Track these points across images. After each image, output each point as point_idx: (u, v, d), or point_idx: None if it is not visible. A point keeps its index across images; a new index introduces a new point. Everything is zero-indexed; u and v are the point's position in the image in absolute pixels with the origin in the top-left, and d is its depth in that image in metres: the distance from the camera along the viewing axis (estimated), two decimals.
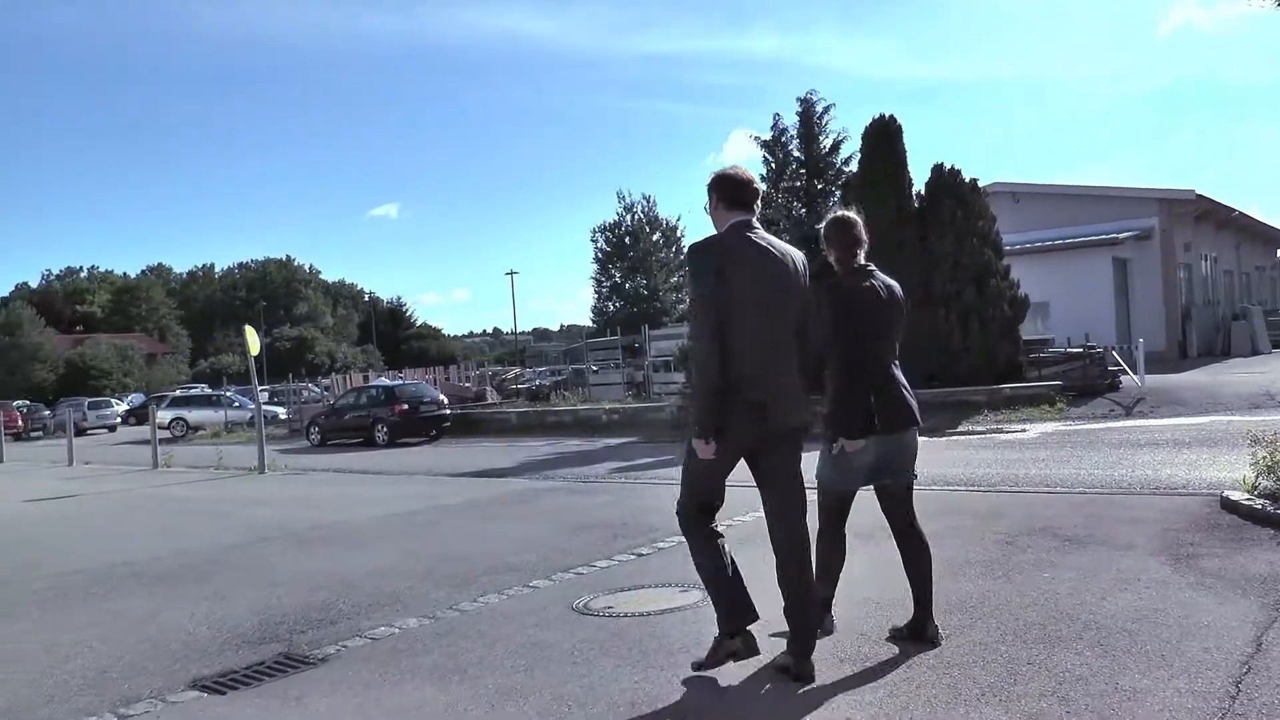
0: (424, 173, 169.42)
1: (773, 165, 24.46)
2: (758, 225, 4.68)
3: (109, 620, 6.54)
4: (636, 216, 75.86)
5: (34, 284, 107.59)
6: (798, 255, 4.75)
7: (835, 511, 5.15)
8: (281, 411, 37.43)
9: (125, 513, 12.56)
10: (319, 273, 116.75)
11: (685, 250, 6.63)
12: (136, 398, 57.81)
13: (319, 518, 10.66)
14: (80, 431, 39.38)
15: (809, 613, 4.54)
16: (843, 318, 4.81)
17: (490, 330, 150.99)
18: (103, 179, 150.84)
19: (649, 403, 26.29)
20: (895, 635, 4.93)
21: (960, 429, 16.86)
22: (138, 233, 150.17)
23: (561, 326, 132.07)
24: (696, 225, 78.11)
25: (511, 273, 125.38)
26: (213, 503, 13.11)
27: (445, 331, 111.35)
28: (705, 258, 4.53)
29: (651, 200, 76.56)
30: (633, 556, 7.47)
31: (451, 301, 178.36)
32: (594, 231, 76.40)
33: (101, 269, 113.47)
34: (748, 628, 4.49)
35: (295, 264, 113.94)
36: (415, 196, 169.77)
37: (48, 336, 74.99)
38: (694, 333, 4.68)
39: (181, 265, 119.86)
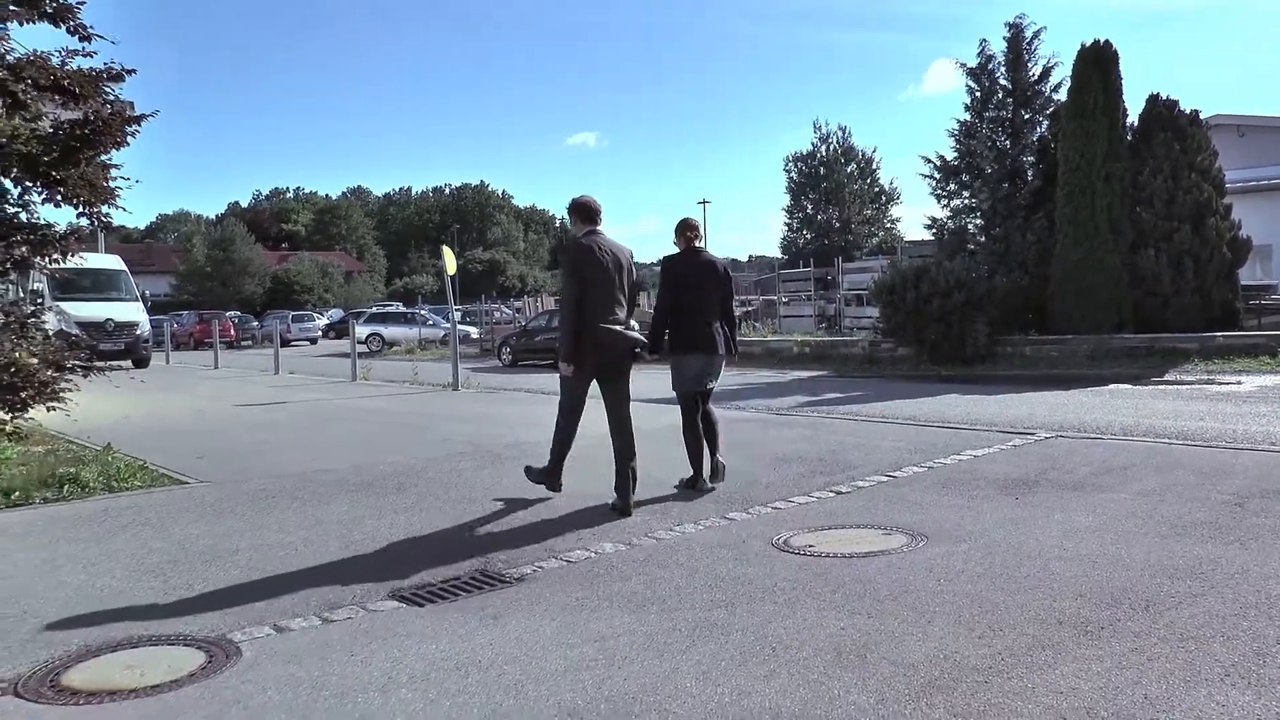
0: (625, 101, 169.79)
1: (977, 94, 23.25)
2: (601, 232, 7.49)
3: (313, 525, 6.82)
4: (831, 147, 74.07)
5: (245, 203, 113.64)
6: (625, 249, 7.57)
7: (688, 408, 8.00)
8: (474, 331, 38.44)
9: (327, 422, 13.11)
10: (511, 198, 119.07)
11: (562, 248, 9.72)
12: (336, 313, 60.39)
13: (512, 436, 10.86)
14: (284, 343, 41.42)
15: (633, 477, 7.19)
16: (667, 285, 7.89)
17: None
18: (308, 105, 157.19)
19: (840, 336, 25.83)
20: (685, 483, 7.83)
21: (1167, 378, 15.95)
22: (340, 156, 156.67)
23: (750, 257, 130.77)
24: (891, 158, 75.24)
25: (703, 202, 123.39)
26: (409, 416, 13.52)
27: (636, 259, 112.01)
28: (570, 253, 7.53)
29: (847, 131, 74.64)
30: (832, 494, 7.33)
31: (643, 230, 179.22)
32: (787, 161, 75.09)
33: (306, 190, 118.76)
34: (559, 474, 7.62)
35: (489, 189, 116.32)
36: (614, 125, 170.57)
37: (256, 252, 78.98)
38: (562, 298, 7.64)
39: (380, 188, 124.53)
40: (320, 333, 52.71)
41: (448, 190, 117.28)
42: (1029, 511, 6.53)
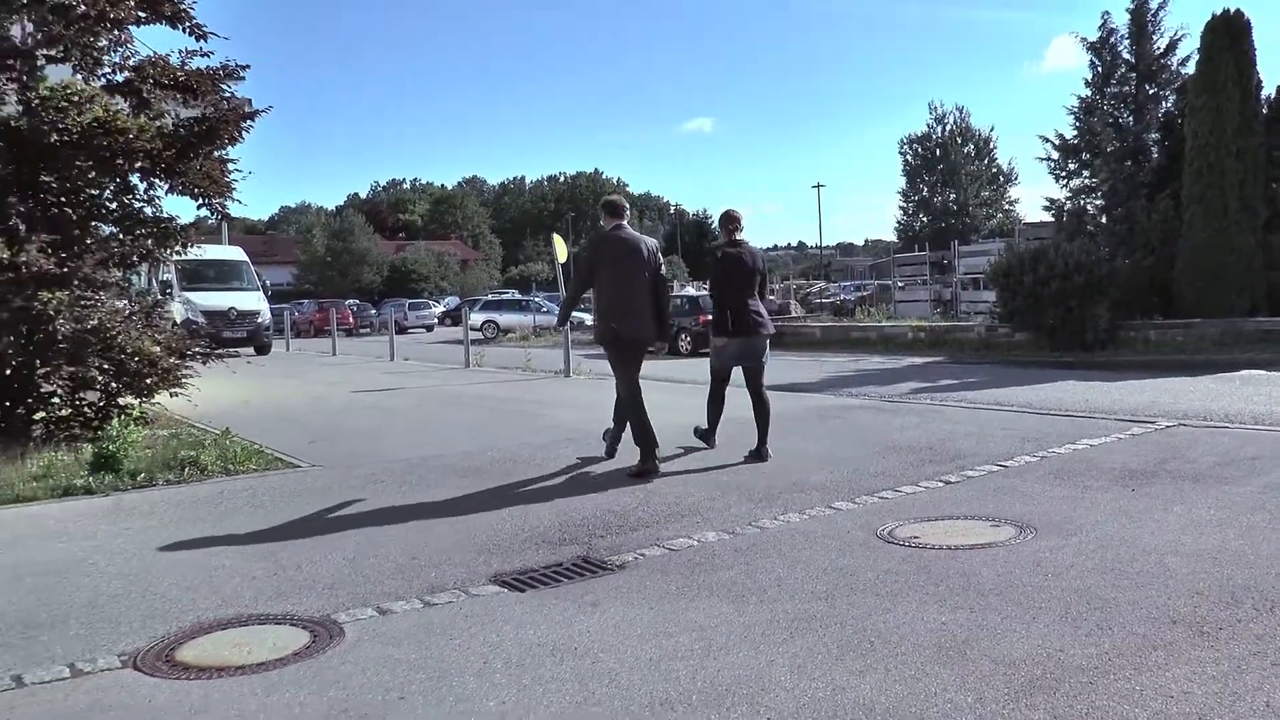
0: (740, 86, 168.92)
1: (1099, 70, 22.47)
2: (626, 226, 8.35)
3: (422, 509, 6.92)
4: (948, 128, 72.64)
5: (363, 194, 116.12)
6: (649, 241, 8.48)
7: (719, 381, 9.12)
8: (587, 318, 38.63)
9: (439, 408, 13.31)
10: (626, 185, 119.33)
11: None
12: (451, 300, 61.30)
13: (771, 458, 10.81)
14: (401, 330, 42.20)
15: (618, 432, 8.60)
16: (717, 272, 8.86)
17: (795, 244, 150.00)
18: (425, 96, 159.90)
19: (956, 321, 25.32)
20: (747, 458, 8.41)
21: None
22: (455, 147, 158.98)
23: (866, 241, 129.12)
24: (1010, 138, 73.38)
25: (818, 185, 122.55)
26: (520, 403, 13.65)
27: (762, 244, 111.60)
28: (592, 244, 8.64)
29: (964, 111, 73.16)
30: (940, 484, 7.17)
31: (759, 215, 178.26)
32: (902, 143, 73.93)
33: (422, 181, 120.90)
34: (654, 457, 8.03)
35: (604, 177, 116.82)
36: (729, 109, 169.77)
37: (374, 242, 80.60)
38: (574, 276, 9.16)
39: (494, 177, 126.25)
40: (436, 320, 53.62)
41: (562, 178, 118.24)
42: (1146, 504, 6.29)
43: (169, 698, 3.78)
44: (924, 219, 71.39)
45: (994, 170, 72.96)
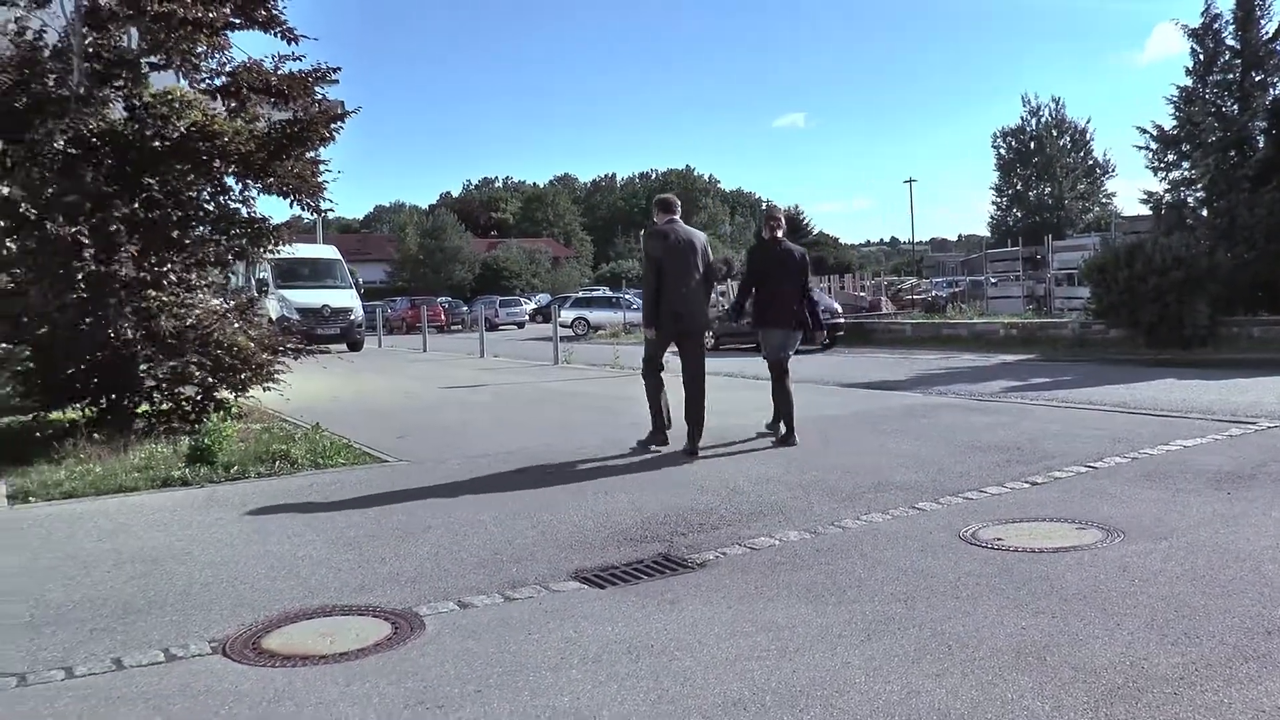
0: (832, 80, 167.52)
1: (1200, 57, 21.77)
2: (679, 221, 9.09)
3: (505, 504, 6.99)
4: (1043, 120, 71.10)
5: (456, 193, 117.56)
6: (700, 235, 9.21)
7: (776, 370, 9.52)
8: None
9: (526, 404, 13.42)
10: (718, 182, 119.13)
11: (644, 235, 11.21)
12: (543, 297, 61.82)
13: (712, 421, 10.79)
14: (492, 327, 42.59)
15: (699, 426, 8.93)
16: (750, 270, 9.68)
17: (887, 239, 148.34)
18: (517, 94, 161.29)
19: (1050, 318, 24.82)
20: (775, 443, 9.29)
21: None
22: (547, 145, 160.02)
23: (959, 236, 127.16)
24: (1107, 128, 71.77)
25: (910, 180, 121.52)
26: (606, 399, 13.71)
27: (842, 240, 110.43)
28: (649, 238, 9.18)
29: (1060, 102, 71.46)
30: (1026, 485, 7.04)
31: (851, 210, 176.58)
32: (995, 136, 72.56)
33: (514, 179, 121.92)
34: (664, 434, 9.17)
35: (695, 173, 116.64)
36: (822, 104, 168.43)
37: (467, 240, 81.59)
38: (644, 272, 9.29)
39: (586, 175, 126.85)
40: (527, 317, 54.14)
41: (654, 175, 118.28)
42: (1242, 508, 6.11)
43: (254, 684, 3.89)
44: (1018, 213, 70.06)
45: (1090, 163, 71.28)
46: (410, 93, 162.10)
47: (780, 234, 9.54)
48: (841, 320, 26.33)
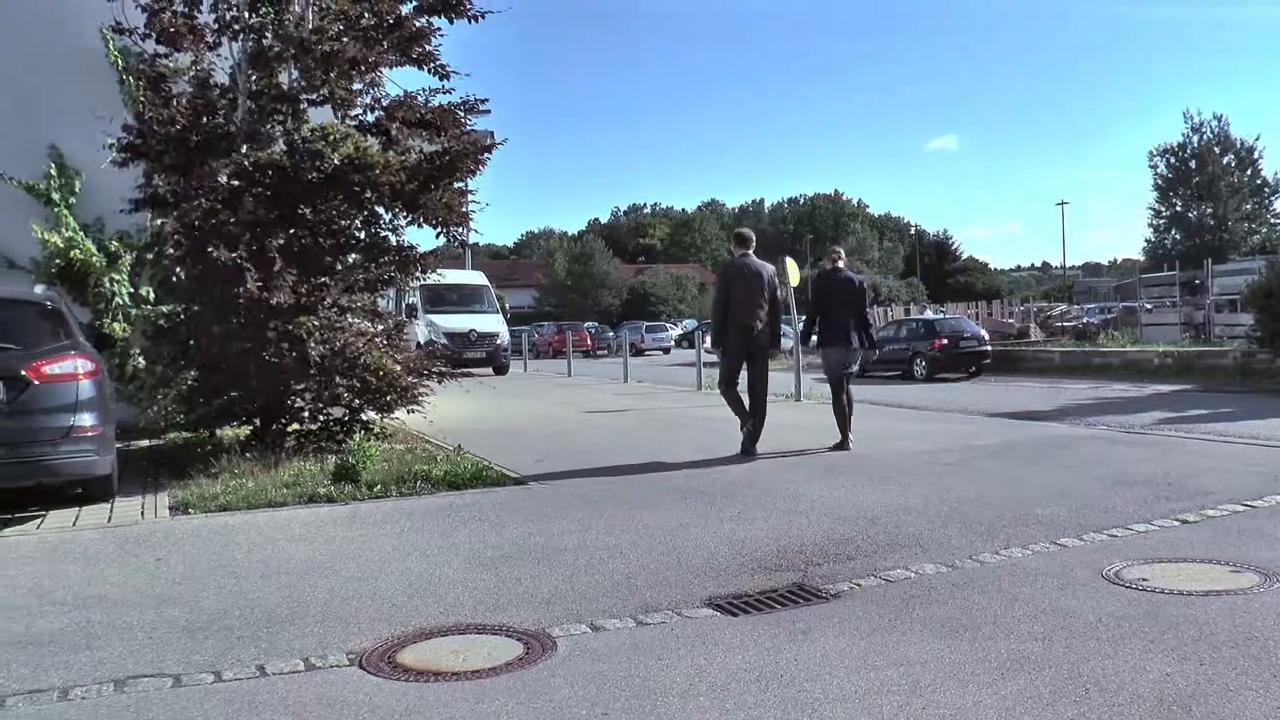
0: (986, 101, 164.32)
1: None
2: (751, 255, 10.37)
3: (640, 529, 7.03)
4: (1204, 137, 68.22)
5: (604, 219, 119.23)
6: (769, 267, 10.47)
7: (834, 386, 10.84)
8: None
9: (666, 429, 13.43)
10: (866, 206, 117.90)
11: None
12: (689, 323, 61.97)
13: (852, 449, 10.74)
14: (637, 352, 42.88)
15: (758, 429, 10.32)
16: (814, 296, 10.93)
17: (1038, 264, 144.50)
18: (665, 120, 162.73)
19: (1208, 346, 23.79)
20: (833, 448, 10.54)
21: None
22: (695, 170, 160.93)
23: (1113, 261, 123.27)
24: (1276, 146, 68.49)
25: (1062, 203, 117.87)
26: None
27: (991, 265, 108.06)
28: (723, 268, 10.87)
29: (1223, 119, 68.50)
30: (1176, 522, 6.76)
31: (1000, 234, 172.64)
32: (1153, 155, 69.95)
33: (662, 205, 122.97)
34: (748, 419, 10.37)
35: (844, 198, 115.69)
36: (975, 126, 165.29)
37: (614, 265, 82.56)
38: (715, 300, 10.84)
39: (733, 200, 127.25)
40: (673, 342, 54.34)
41: (801, 200, 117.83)
42: None
43: (387, 697, 4.02)
44: (1176, 236, 67.49)
45: (1258, 182, 68.12)
46: (561, 119, 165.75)
47: (841, 264, 11.14)
48: (988, 348, 25.75)
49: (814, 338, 11.15)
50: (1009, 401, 17.25)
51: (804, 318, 11.43)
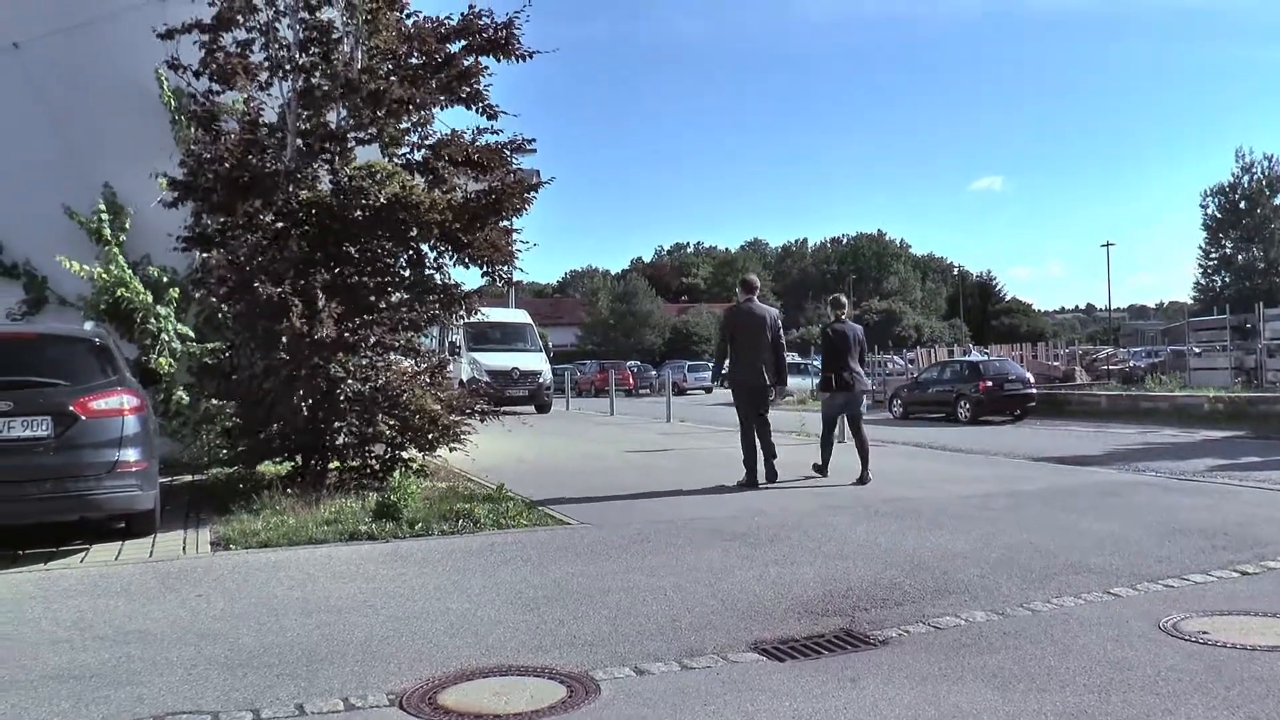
0: (1029, 142, 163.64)
1: None
2: (755, 300, 11.44)
3: (685, 571, 6.93)
4: (1256, 177, 67.31)
5: (647, 258, 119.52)
6: (771, 312, 11.53)
7: (828, 425, 12.13)
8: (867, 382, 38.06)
9: (709, 470, 13.20)
10: (909, 246, 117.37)
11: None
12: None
13: (894, 492, 10.61)
14: (680, 391, 42.79)
15: (771, 461, 11.31)
16: (826, 344, 12.06)
17: (1083, 306, 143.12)
18: (709, 160, 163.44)
19: (1261, 392, 23.36)
20: (856, 481, 11.20)
21: None
22: (738, 210, 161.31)
23: (1160, 303, 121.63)
24: None
25: (1107, 244, 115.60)
26: (790, 467, 13.36)
27: (1035, 307, 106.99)
28: (728, 313, 11.84)
29: (1274, 159, 67.46)
30: (1235, 574, 6.58)
31: (1044, 275, 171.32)
32: (1204, 195, 69.12)
33: (705, 244, 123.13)
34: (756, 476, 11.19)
35: (886, 238, 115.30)
36: (1021, 167, 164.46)
37: (657, 305, 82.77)
38: (717, 340, 14.17)
39: (776, 240, 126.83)
40: (715, 382, 54.12)
41: (844, 240, 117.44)
42: None
43: None
44: (1225, 278, 66.53)
45: None
46: (604, 158, 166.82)
47: (844, 315, 12.12)
48: (1033, 390, 25.43)
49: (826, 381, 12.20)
50: (1055, 446, 16.99)
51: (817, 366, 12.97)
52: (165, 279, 13.16)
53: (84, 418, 7.70)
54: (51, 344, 8.68)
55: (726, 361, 11.70)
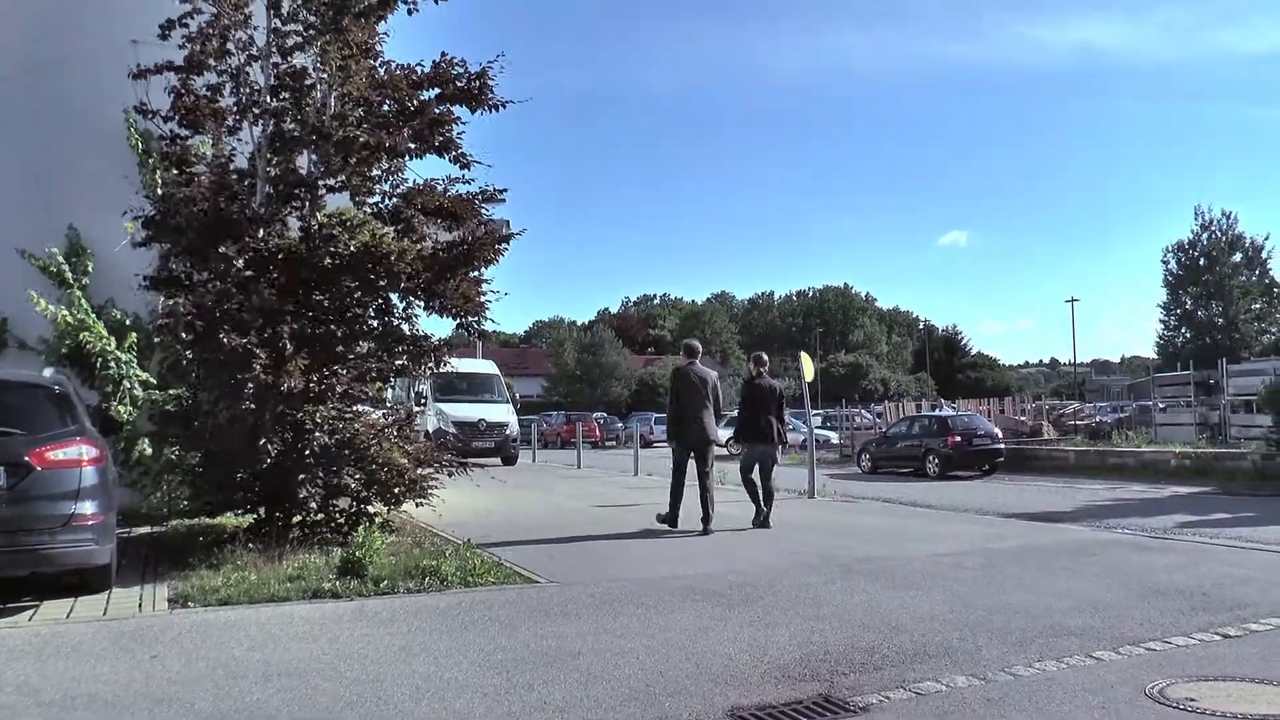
0: (994, 198, 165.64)
1: None
2: (696, 364, 12.51)
3: (656, 633, 6.76)
4: (1214, 235, 68.45)
5: (614, 309, 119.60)
6: (711, 374, 12.47)
7: (747, 474, 12.77)
8: (833, 436, 38.15)
9: (681, 526, 13.08)
10: (875, 300, 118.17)
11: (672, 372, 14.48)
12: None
13: (866, 550, 10.49)
14: (646, 444, 42.52)
15: (708, 510, 11.94)
16: (747, 398, 13.04)
17: (1047, 360, 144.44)
18: (675, 213, 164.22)
19: (1226, 448, 23.52)
20: (759, 524, 12.39)
21: None
22: (704, 262, 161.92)
23: (1123, 358, 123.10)
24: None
25: (1071, 300, 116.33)
26: (729, 520, 13.31)
27: (1000, 361, 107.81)
28: (673, 375, 12.88)
29: (1232, 217, 68.72)
30: (1216, 637, 6.48)
31: (1010, 330, 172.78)
32: (1164, 252, 70.19)
33: (672, 296, 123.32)
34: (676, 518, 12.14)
35: (853, 291, 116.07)
36: (985, 222, 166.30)
37: (623, 356, 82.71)
38: (669, 401, 12.77)
39: (743, 292, 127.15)
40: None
41: (810, 293, 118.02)
42: None
43: None
44: (1186, 334, 67.34)
45: (1267, 282, 68.10)
46: (571, 209, 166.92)
47: (764, 371, 13.32)
48: (1001, 446, 25.50)
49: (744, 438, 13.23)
50: (1025, 502, 16.96)
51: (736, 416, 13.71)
52: (128, 322, 12.94)
53: (40, 468, 7.46)
54: (8, 391, 8.42)
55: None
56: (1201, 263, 67.84)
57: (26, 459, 7.43)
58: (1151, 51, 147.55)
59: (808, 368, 18.62)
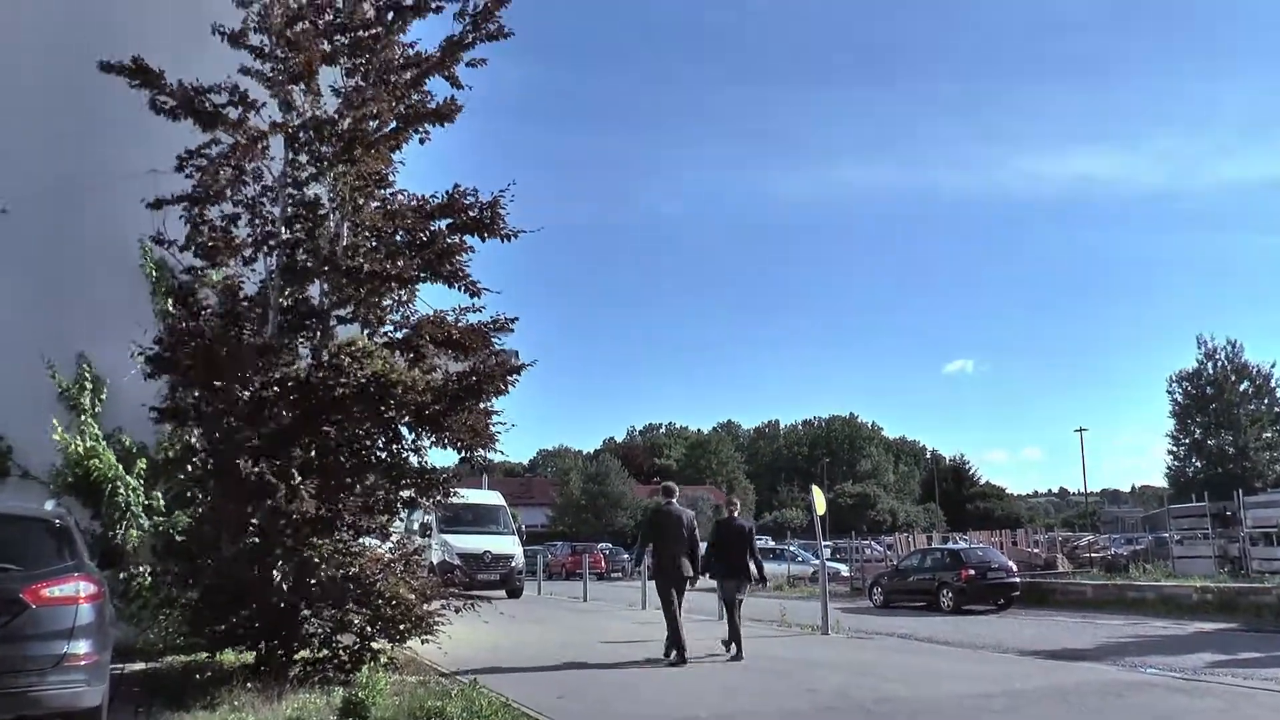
0: (999, 326, 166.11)
1: None
2: (673, 503, 13.14)
3: None
4: (1219, 364, 68.36)
5: (619, 438, 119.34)
6: (688, 513, 13.19)
7: (728, 605, 13.47)
8: (843, 569, 37.51)
9: (692, 664, 12.71)
10: (881, 429, 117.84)
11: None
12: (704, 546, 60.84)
13: (888, 690, 10.11)
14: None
15: (677, 640, 12.50)
16: (719, 536, 13.77)
17: (1056, 490, 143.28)
18: (681, 345, 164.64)
19: (1249, 582, 23.01)
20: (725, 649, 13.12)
21: None
22: (710, 392, 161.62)
23: (1133, 487, 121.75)
24: None
25: (1080, 429, 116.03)
26: (776, 662, 12.93)
27: (1009, 490, 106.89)
28: (649, 514, 13.99)
29: (1237, 345, 68.54)
30: None
31: (1019, 460, 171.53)
32: (1170, 381, 69.93)
33: (678, 425, 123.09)
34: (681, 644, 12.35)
35: (859, 420, 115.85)
36: (991, 351, 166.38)
37: (629, 486, 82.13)
38: (640, 536, 14.40)
39: (749, 422, 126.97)
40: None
41: (817, 423, 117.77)
42: None
43: None
44: (1197, 463, 66.69)
45: (1277, 410, 67.68)
46: (576, 338, 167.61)
47: (735, 513, 14.14)
48: (1016, 580, 24.98)
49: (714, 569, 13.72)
50: (1044, 638, 16.51)
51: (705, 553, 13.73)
52: (134, 450, 12.82)
53: (34, 606, 7.22)
54: (7, 525, 8.23)
55: (647, 553, 13.49)
56: (1208, 391, 67.56)
57: (21, 596, 7.20)
58: (1148, 181, 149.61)
59: (819, 501, 18.37)
